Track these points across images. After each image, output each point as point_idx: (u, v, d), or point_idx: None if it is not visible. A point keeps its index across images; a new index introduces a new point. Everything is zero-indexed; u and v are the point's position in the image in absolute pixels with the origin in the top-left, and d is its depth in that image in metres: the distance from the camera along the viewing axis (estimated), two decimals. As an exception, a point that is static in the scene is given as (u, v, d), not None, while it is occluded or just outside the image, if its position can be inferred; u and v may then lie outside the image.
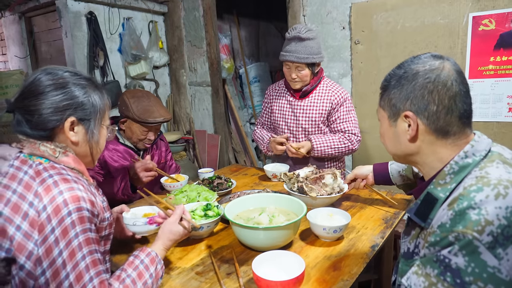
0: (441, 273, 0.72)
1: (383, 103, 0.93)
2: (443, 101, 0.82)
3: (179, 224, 1.14)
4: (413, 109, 0.85)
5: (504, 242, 0.67)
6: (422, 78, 0.84)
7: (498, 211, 0.69)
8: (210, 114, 4.03)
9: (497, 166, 0.78)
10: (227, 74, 4.33)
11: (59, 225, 0.86)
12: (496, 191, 0.72)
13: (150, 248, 1.07)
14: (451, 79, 0.83)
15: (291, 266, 1.05)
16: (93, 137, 1.04)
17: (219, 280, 1.10)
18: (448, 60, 0.86)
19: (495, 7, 2.24)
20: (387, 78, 0.93)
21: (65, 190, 0.90)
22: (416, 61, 0.88)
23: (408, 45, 2.56)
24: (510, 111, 2.29)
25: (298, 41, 1.89)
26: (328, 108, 2.02)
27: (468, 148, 0.82)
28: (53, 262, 0.84)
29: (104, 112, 1.08)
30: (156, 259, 1.04)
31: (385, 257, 1.67)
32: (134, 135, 1.89)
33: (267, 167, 2.10)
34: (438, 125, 0.83)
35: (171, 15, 3.95)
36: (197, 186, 1.69)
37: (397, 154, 0.95)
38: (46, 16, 3.57)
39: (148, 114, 1.83)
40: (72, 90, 0.98)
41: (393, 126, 0.91)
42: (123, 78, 3.62)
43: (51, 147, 0.98)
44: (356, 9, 2.72)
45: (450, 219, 0.72)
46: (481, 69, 2.33)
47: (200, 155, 4.15)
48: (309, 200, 1.55)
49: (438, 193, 0.82)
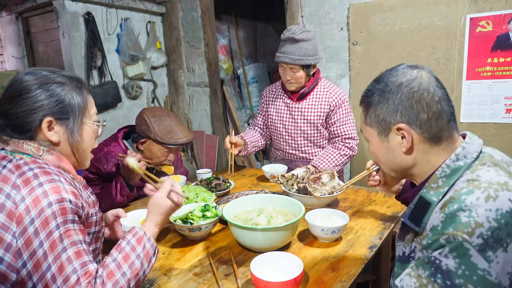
0: (432, 275, 0.72)
1: (369, 120, 0.91)
2: (431, 108, 0.83)
3: (168, 198, 1.09)
4: (404, 120, 0.84)
5: (494, 244, 0.67)
6: (407, 89, 0.84)
7: (488, 213, 0.69)
8: (208, 114, 4.02)
9: (488, 169, 0.79)
10: (225, 75, 4.32)
11: (38, 216, 0.84)
12: (486, 193, 0.72)
13: (139, 228, 1.02)
14: (433, 85, 0.84)
15: (290, 267, 1.04)
16: (73, 135, 1.01)
17: (217, 281, 1.09)
18: (423, 69, 0.87)
19: (492, 8, 2.25)
20: (368, 95, 0.92)
21: (45, 182, 0.88)
22: (394, 73, 0.88)
23: (406, 46, 2.57)
24: (507, 112, 2.30)
25: (292, 42, 1.88)
26: (327, 110, 2.01)
27: (459, 151, 0.83)
28: (33, 254, 0.83)
29: (85, 109, 1.03)
30: (144, 237, 0.99)
31: (383, 258, 1.67)
32: (154, 156, 1.79)
33: (265, 168, 2.10)
34: (431, 132, 0.84)
35: (169, 15, 3.94)
36: (195, 187, 1.68)
37: (393, 169, 0.94)
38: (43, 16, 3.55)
39: (171, 136, 1.73)
40: (47, 90, 0.96)
41: (385, 141, 0.90)
42: (121, 79, 3.61)
43: (35, 146, 0.97)
44: (354, 10, 2.72)
45: (442, 222, 0.73)
46: (478, 71, 2.34)
47: (198, 155, 4.15)
48: (308, 201, 1.55)
49: (431, 197, 0.82)
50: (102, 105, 3.35)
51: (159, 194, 1.09)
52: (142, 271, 0.95)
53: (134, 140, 1.84)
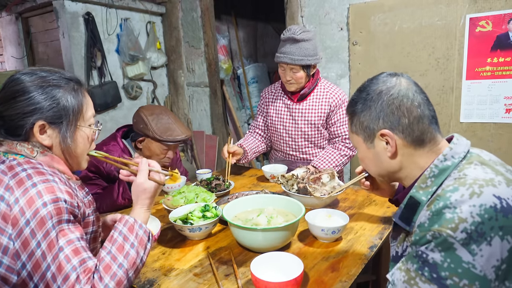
0: (419, 268, 0.75)
1: (355, 128, 0.96)
2: (412, 112, 0.87)
3: (149, 179, 1.04)
4: (387, 126, 0.89)
5: (478, 238, 0.70)
6: (387, 96, 0.89)
7: (472, 209, 0.71)
8: (208, 115, 4.02)
9: (475, 167, 0.82)
10: (225, 75, 4.32)
11: (33, 216, 0.83)
12: (471, 190, 0.75)
13: (128, 216, 0.99)
14: (412, 91, 0.88)
15: (290, 267, 1.04)
16: (66, 140, 0.98)
17: (217, 282, 1.09)
18: (402, 76, 0.92)
19: (492, 8, 2.25)
20: (352, 104, 0.96)
21: (39, 182, 0.87)
22: (375, 82, 0.93)
23: (406, 46, 2.57)
24: (507, 112, 2.30)
25: (292, 43, 1.87)
26: (327, 110, 2.00)
27: (447, 151, 0.86)
28: (31, 255, 0.82)
29: (80, 113, 1.00)
30: (135, 225, 0.97)
31: (383, 258, 1.67)
32: (154, 154, 1.80)
33: (265, 168, 2.09)
34: (414, 136, 0.87)
35: (169, 16, 3.95)
36: (195, 187, 1.68)
37: (381, 174, 0.98)
38: (43, 16, 3.55)
39: (170, 133, 1.74)
40: (41, 93, 0.94)
41: (371, 147, 0.94)
42: (121, 79, 3.61)
43: (29, 147, 0.95)
44: (354, 10, 2.72)
45: (428, 219, 0.76)
46: (478, 70, 2.34)
47: (198, 156, 4.15)
48: (308, 201, 1.55)
49: (420, 197, 0.85)
50: (102, 105, 3.35)
51: (141, 178, 1.03)
52: (139, 259, 0.94)
53: (132, 139, 1.83)
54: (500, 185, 0.76)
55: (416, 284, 0.75)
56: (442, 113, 2.51)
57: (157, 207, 1.72)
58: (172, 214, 1.41)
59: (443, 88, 2.49)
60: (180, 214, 1.42)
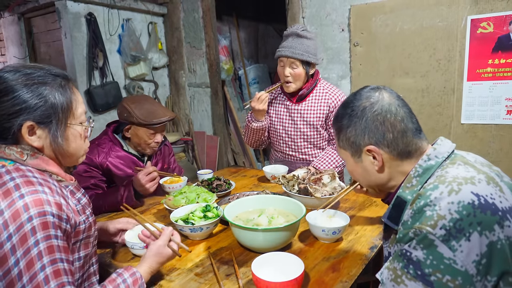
0: (404, 266, 0.77)
1: (342, 143, 0.97)
2: (396, 127, 0.88)
3: (168, 246, 1.08)
4: (372, 141, 0.90)
5: (457, 234, 0.71)
6: (370, 112, 0.89)
7: (450, 206, 0.73)
8: (209, 115, 4.03)
9: (458, 167, 0.84)
10: (226, 76, 4.33)
11: (17, 231, 0.78)
12: (450, 187, 0.77)
13: (136, 268, 1.00)
14: (394, 105, 0.89)
15: (290, 267, 1.05)
16: (57, 140, 0.92)
17: (218, 282, 1.10)
18: (385, 89, 0.93)
19: (493, 10, 2.25)
20: (337, 119, 0.97)
21: (27, 194, 0.82)
22: (358, 97, 0.93)
23: (407, 47, 2.57)
24: (508, 114, 2.30)
25: (295, 37, 1.88)
26: (326, 111, 2.00)
27: (431, 151, 0.88)
28: (7, 273, 0.77)
29: (69, 111, 0.94)
30: (139, 281, 0.97)
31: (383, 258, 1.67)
32: (142, 140, 1.83)
33: (266, 168, 2.10)
34: (399, 149, 0.89)
35: (170, 16, 3.96)
36: (196, 187, 1.69)
37: (371, 186, 0.99)
38: (46, 17, 3.56)
39: (153, 116, 1.79)
40: (27, 92, 0.88)
41: (358, 162, 0.96)
42: (123, 79, 3.62)
43: (18, 150, 0.90)
44: (355, 11, 2.73)
45: (411, 217, 0.78)
46: (479, 72, 2.35)
47: (199, 156, 4.15)
48: (308, 201, 1.56)
49: (406, 196, 0.87)
50: (103, 105, 3.36)
51: (161, 242, 1.08)
52: None
53: (119, 129, 1.87)
54: (480, 183, 0.77)
55: (402, 282, 0.77)
56: (443, 114, 2.51)
57: (158, 207, 1.72)
58: (173, 214, 1.42)
59: (444, 90, 2.49)
60: (181, 214, 1.43)
